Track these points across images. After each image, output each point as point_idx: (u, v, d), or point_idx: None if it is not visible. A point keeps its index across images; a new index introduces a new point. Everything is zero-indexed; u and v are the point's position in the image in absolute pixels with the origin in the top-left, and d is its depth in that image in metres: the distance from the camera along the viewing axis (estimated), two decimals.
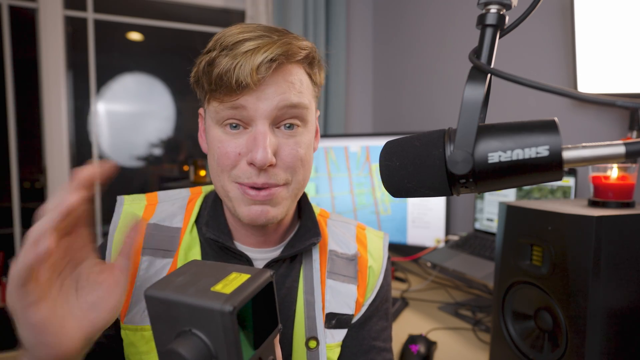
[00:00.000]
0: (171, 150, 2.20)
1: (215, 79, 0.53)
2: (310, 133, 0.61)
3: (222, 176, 0.58)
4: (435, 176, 0.36)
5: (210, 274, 0.40)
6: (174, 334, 0.37)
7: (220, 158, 0.57)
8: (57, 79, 1.76)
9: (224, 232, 0.63)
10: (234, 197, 0.58)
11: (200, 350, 0.35)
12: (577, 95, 0.32)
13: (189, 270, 0.41)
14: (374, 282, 0.71)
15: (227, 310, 0.34)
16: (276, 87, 0.54)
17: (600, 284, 0.63)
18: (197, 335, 0.36)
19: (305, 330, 0.64)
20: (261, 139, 0.54)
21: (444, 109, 1.75)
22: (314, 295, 0.65)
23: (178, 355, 0.34)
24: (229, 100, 0.54)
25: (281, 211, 0.59)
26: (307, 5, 1.96)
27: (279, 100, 0.54)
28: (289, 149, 0.57)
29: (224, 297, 0.35)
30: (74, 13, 1.83)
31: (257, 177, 0.55)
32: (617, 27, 1.03)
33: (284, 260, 0.66)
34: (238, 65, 0.51)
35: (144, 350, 0.60)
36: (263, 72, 0.52)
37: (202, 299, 0.35)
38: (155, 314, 0.38)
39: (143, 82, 2.12)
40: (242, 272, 0.40)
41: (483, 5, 0.37)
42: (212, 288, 0.37)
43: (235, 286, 0.37)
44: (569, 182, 1.14)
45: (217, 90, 0.54)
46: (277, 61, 0.53)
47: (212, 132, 0.58)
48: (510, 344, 0.79)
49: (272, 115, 0.55)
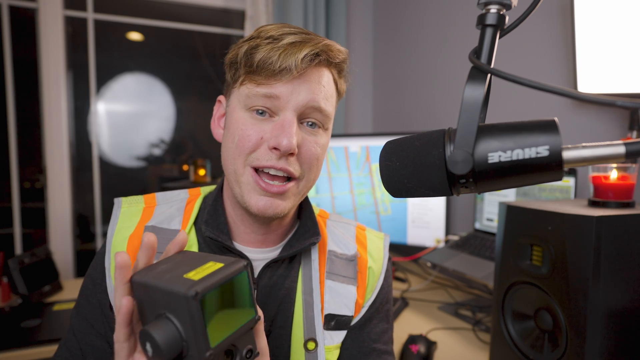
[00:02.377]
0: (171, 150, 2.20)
1: (259, 62, 0.55)
2: (327, 137, 0.63)
3: (237, 160, 0.58)
4: (435, 176, 0.36)
5: (189, 263, 0.42)
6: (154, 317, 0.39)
7: (241, 140, 0.58)
8: (57, 79, 1.76)
9: (223, 231, 0.63)
10: (244, 183, 0.59)
11: (171, 333, 0.37)
12: (577, 95, 0.32)
13: (174, 259, 0.43)
14: (373, 283, 0.71)
15: (190, 294, 0.36)
16: (310, 84, 0.57)
17: (600, 284, 0.63)
18: (170, 319, 0.38)
19: (304, 332, 0.63)
20: (288, 126, 0.56)
21: (444, 108, 1.75)
22: (313, 296, 0.65)
23: (149, 336, 0.37)
24: (267, 83, 0.56)
25: (289, 206, 0.60)
26: (307, 5, 1.96)
27: (310, 99, 0.57)
28: (309, 145, 0.59)
29: (191, 282, 0.37)
30: (74, 13, 1.83)
31: (277, 161, 0.57)
32: (617, 27, 1.03)
33: (283, 260, 0.66)
34: (284, 53, 0.54)
35: None
36: (307, 63, 0.55)
37: (173, 284, 0.38)
38: (139, 298, 0.41)
39: (143, 82, 2.12)
40: (218, 262, 0.42)
41: (483, 5, 0.37)
42: (184, 275, 0.39)
43: (205, 273, 0.39)
44: (569, 182, 1.14)
45: (257, 72, 0.56)
46: (320, 57, 0.56)
47: (236, 114, 0.59)
48: (510, 344, 0.79)
49: (300, 109, 0.57)
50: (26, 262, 1.39)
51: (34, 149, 1.81)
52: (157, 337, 0.37)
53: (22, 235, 1.80)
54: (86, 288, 0.64)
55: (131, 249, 0.62)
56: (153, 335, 0.37)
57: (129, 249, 0.62)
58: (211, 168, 1.86)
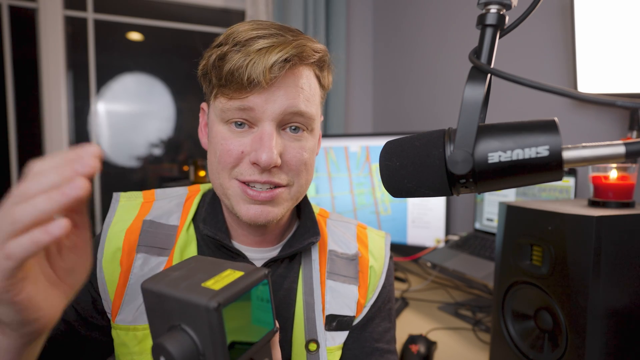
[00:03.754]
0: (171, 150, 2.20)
1: (226, 75, 0.52)
2: (314, 138, 0.61)
3: (222, 174, 0.57)
4: (435, 176, 0.36)
5: (205, 270, 0.39)
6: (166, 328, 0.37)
7: (222, 155, 0.56)
8: (57, 79, 1.76)
9: (221, 229, 0.62)
10: (232, 195, 0.57)
11: (187, 347, 0.35)
12: (577, 95, 0.32)
13: (187, 265, 0.41)
14: (375, 283, 0.70)
15: (212, 306, 0.33)
16: (286, 89, 0.54)
17: (600, 284, 0.63)
18: (186, 330, 0.35)
19: (305, 333, 0.63)
20: (267, 139, 0.53)
21: (444, 108, 1.75)
22: (314, 296, 0.64)
23: (164, 350, 0.34)
24: (238, 98, 0.53)
25: (281, 212, 0.59)
26: (307, 5, 1.96)
27: (287, 105, 0.54)
28: (294, 152, 0.57)
29: (212, 293, 0.35)
30: (74, 13, 1.83)
31: (260, 175, 0.55)
32: (617, 27, 1.03)
33: (282, 260, 0.65)
34: (251, 63, 0.51)
35: (135, 350, 0.59)
36: (276, 72, 0.51)
37: (191, 294, 0.35)
38: (150, 307, 0.38)
39: (143, 82, 2.12)
40: (237, 270, 0.39)
41: (483, 5, 0.37)
42: (202, 284, 0.37)
43: (226, 283, 0.37)
44: (569, 182, 1.14)
45: (227, 86, 0.53)
46: (291, 62, 0.52)
47: (215, 128, 0.58)
48: (510, 344, 0.79)
49: (278, 119, 0.55)
50: None
51: (34, 149, 1.81)
52: (172, 351, 0.34)
53: None
54: None
55: (127, 242, 0.61)
56: (168, 348, 0.34)
57: (125, 242, 0.61)
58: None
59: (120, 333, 0.59)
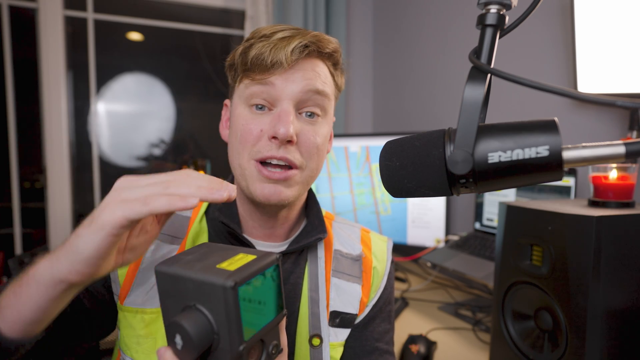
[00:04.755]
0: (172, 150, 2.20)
1: (252, 59, 0.58)
2: (328, 125, 0.65)
3: (242, 154, 0.60)
4: (435, 176, 0.36)
5: (218, 254, 0.41)
6: (180, 309, 0.38)
7: (243, 134, 0.60)
8: (57, 79, 1.76)
9: (234, 220, 0.65)
10: (249, 175, 0.60)
11: (202, 325, 0.36)
12: (577, 95, 0.32)
13: (199, 250, 0.42)
14: (378, 283, 0.72)
15: (229, 285, 0.35)
16: (304, 72, 0.59)
17: (600, 284, 0.63)
18: (201, 310, 0.37)
19: (309, 327, 0.64)
20: (285, 115, 0.58)
21: (444, 108, 1.75)
22: (319, 292, 0.66)
23: (181, 328, 0.35)
24: (261, 78, 0.58)
25: (294, 194, 0.61)
26: (307, 6, 1.96)
27: (305, 84, 0.59)
28: (308, 134, 0.61)
29: (227, 273, 0.36)
30: (74, 13, 1.83)
31: (277, 150, 0.58)
32: (617, 27, 1.03)
33: (289, 256, 0.67)
34: (274, 47, 0.57)
35: (142, 333, 0.59)
36: (296, 55, 0.57)
37: (207, 275, 0.36)
38: (164, 289, 0.39)
39: (143, 82, 2.12)
40: (249, 254, 0.41)
41: (483, 5, 0.37)
42: (217, 265, 0.38)
43: (240, 264, 0.38)
44: (569, 182, 1.14)
45: (252, 70, 0.59)
46: (310, 48, 0.59)
47: (237, 111, 0.62)
48: (510, 344, 0.79)
49: (297, 98, 0.59)
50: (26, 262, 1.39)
51: (34, 149, 1.81)
52: (188, 328, 0.35)
53: (22, 235, 1.80)
54: None
55: None
56: (184, 325, 0.35)
57: None
58: (211, 168, 1.86)
59: (128, 315, 0.60)
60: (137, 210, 0.38)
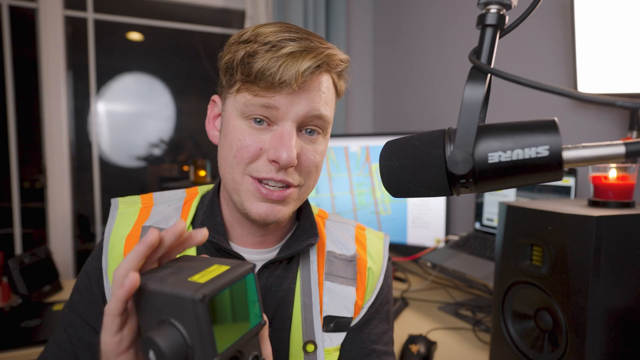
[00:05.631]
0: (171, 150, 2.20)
1: (256, 72, 0.53)
2: (326, 143, 0.63)
3: (236, 169, 0.58)
4: (435, 176, 0.36)
5: (193, 266, 0.40)
6: (156, 323, 0.38)
7: (239, 150, 0.56)
8: (57, 79, 1.76)
9: (219, 232, 0.62)
10: (244, 191, 0.58)
11: (175, 339, 0.36)
12: (577, 95, 0.32)
13: (175, 264, 0.42)
14: (373, 284, 0.70)
15: (197, 298, 0.35)
16: (309, 94, 0.56)
17: (600, 284, 0.63)
18: (174, 324, 0.37)
19: (303, 334, 0.63)
20: (287, 138, 0.55)
21: (444, 108, 1.75)
22: (312, 297, 0.64)
23: (153, 343, 0.35)
24: (264, 96, 0.54)
25: (290, 211, 0.60)
26: (307, 5, 1.96)
27: (310, 108, 0.56)
28: (309, 154, 0.59)
29: (197, 286, 0.36)
30: (74, 13, 1.83)
31: (276, 173, 0.56)
32: (617, 27, 1.03)
33: (280, 261, 0.65)
34: (284, 65, 0.52)
35: None
36: (307, 77, 0.53)
37: (177, 288, 0.36)
38: (140, 304, 0.39)
39: (143, 82, 2.12)
40: (223, 264, 0.41)
41: (483, 5, 0.37)
42: (189, 278, 0.38)
43: (212, 276, 0.38)
44: (569, 182, 1.14)
45: (255, 84, 0.54)
46: (322, 68, 0.55)
47: (232, 122, 0.58)
48: (510, 344, 0.79)
49: (300, 120, 0.56)
50: (26, 262, 1.39)
51: (34, 149, 1.81)
52: (161, 344, 0.35)
53: (22, 235, 1.80)
54: (81, 283, 0.64)
55: (128, 248, 0.62)
56: (157, 341, 0.35)
57: (126, 249, 0.62)
58: (211, 168, 1.86)
59: None
60: (109, 324, 0.39)
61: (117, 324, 0.39)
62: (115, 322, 0.39)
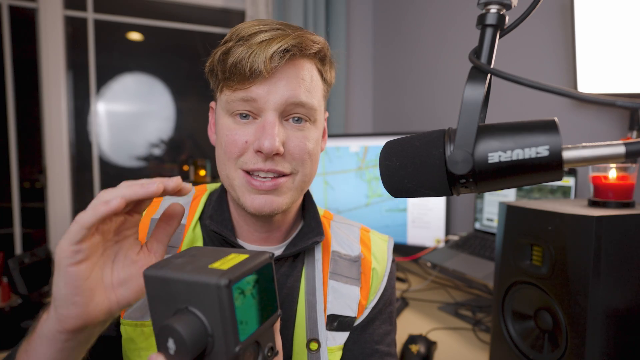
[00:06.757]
0: (171, 150, 2.20)
1: (230, 67, 0.54)
2: (318, 130, 0.62)
3: (228, 164, 0.59)
4: (435, 176, 0.36)
5: (209, 256, 0.40)
6: (172, 313, 0.37)
7: (227, 146, 0.58)
8: (57, 79, 1.76)
9: (227, 227, 0.63)
10: (238, 186, 0.59)
11: (196, 327, 0.35)
12: (577, 95, 0.32)
13: (188, 254, 0.41)
14: (377, 285, 0.70)
15: (223, 283, 0.34)
16: (287, 80, 0.56)
17: (600, 284, 0.63)
18: (194, 312, 0.36)
19: (306, 332, 0.63)
20: (269, 127, 0.55)
21: (444, 108, 1.75)
22: (316, 296, 0.65)
23: (173, 331, 0.34)
24: (241, 88, 0.55)
25: (286, 201, 0.60)
26: (307, 5, 1.96)
27: (289, 96, 0.56)
28: (297, 141, 0.58)
29: (221, 272, 0.35)
30: (74, 13, 1.83)
31: (264, 163, 0.56)
32: (617, 27, 1.03)
33: (286, 259, 0.66)
34: (252, 54, 0.53)
35: (143, 346, 0.59)
36: (276, 62, 0.53)
37: (199, 275, 0.36)
38: (153, 294, 0.38)
39: (143, 82, 2.12)
40: (241, 254, 0.40)
41: (483, 5, 0.37)
42: (209, 266, 0.37)
43: (232, 264, 0.37)
44: (569, 182, 1.14)
45: (231, 79, 0.55)
46: (291, 52, 0.54)
47: (221, 121, 0.59)
48: (510, 344, 0.79)
49: (280, 109, 0.56)
50: (26, 262, 1.39)
51: (34, 149, 1.81)
52: (182, 331, 0.34)
53: (22, 235, 1.80)
54: None
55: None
56: (177, 328, 0.34)
57: None
58: (211, 168, 1.86)
59: (129, 329, 0.60)
60: (74, 232, 0.39)
61: (81, 235, 0.39)
62: (80, 233, 0.39)
